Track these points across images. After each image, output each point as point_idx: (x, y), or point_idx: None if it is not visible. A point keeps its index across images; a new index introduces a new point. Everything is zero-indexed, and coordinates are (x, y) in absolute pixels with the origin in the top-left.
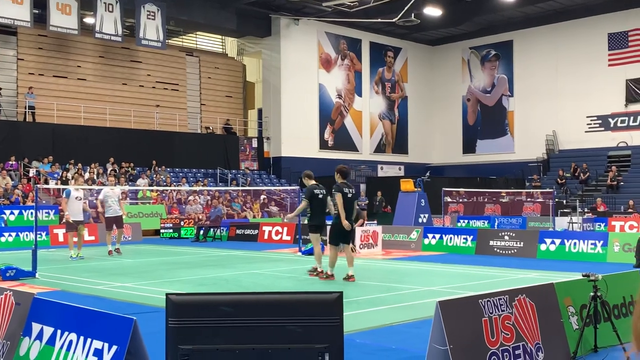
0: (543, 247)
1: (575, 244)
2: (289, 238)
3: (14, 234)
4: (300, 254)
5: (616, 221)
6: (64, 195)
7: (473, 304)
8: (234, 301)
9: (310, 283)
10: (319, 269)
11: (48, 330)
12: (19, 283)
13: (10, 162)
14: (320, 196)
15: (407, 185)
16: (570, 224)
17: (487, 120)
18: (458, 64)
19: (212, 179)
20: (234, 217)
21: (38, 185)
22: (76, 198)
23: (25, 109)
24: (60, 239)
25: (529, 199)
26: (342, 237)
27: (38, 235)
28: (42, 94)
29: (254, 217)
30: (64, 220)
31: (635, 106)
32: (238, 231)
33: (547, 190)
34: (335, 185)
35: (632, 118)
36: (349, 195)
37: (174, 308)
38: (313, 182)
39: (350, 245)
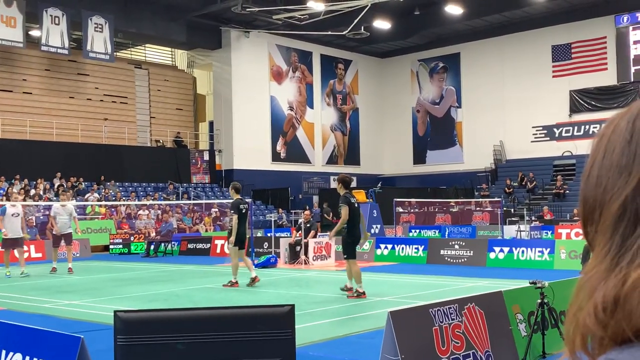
0: (492, 255)
1: (523, 251)
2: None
3: None
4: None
5: (562, 229)
6: None
7: (423, 314)
8: (185, 317)
9: (265, 297)
10: (233, 280)
11: None
12: None
13: None
14: (244, 211)
15: (359, 196)
16: (519, 232)
17: (436, 131)
18: (407, 76)
19: (162, 193)
20: (185, 231)
21: None
22: (12, 215)
23: None
24: None
25: (478, 208)
26: (355, 249)
27: None
28: None
29: (206, 230)
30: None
31: (579, 116)
32: (190, 245)
33: (496, 199)
34: (342, 197)
35: (576, 128)
36: (356, 205)
37: (123, 325)
38: (238, 196)
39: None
